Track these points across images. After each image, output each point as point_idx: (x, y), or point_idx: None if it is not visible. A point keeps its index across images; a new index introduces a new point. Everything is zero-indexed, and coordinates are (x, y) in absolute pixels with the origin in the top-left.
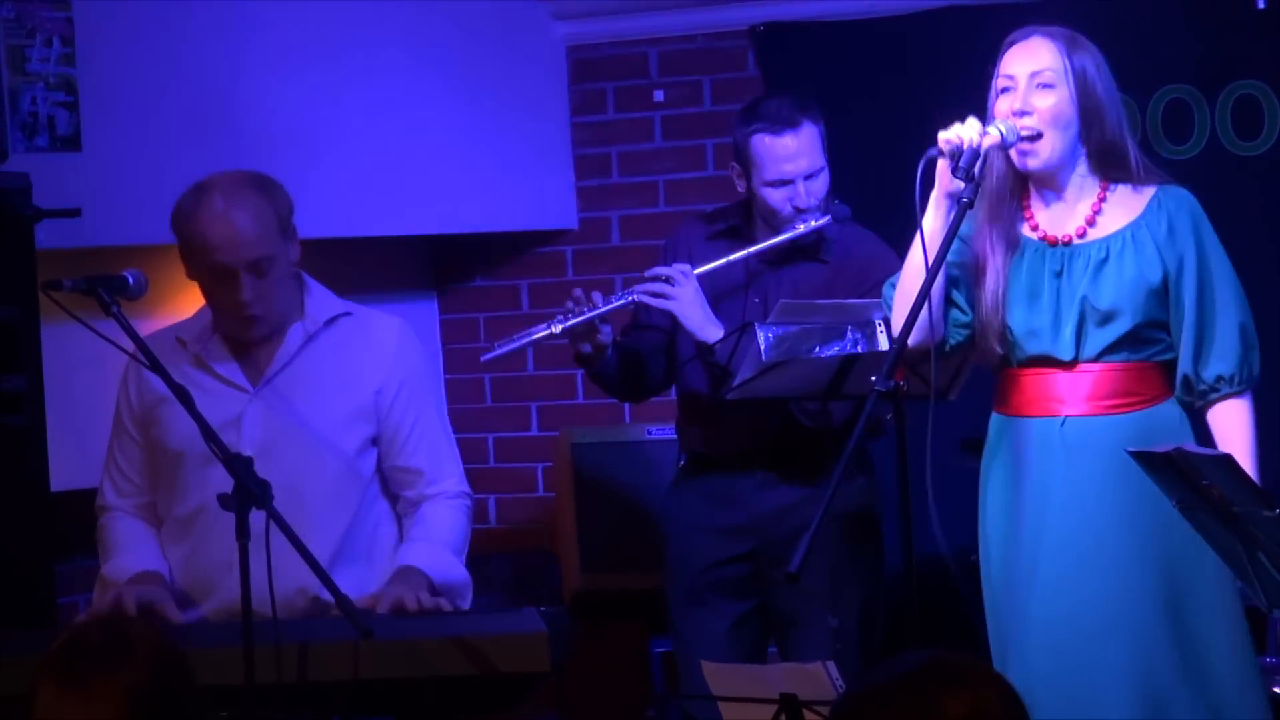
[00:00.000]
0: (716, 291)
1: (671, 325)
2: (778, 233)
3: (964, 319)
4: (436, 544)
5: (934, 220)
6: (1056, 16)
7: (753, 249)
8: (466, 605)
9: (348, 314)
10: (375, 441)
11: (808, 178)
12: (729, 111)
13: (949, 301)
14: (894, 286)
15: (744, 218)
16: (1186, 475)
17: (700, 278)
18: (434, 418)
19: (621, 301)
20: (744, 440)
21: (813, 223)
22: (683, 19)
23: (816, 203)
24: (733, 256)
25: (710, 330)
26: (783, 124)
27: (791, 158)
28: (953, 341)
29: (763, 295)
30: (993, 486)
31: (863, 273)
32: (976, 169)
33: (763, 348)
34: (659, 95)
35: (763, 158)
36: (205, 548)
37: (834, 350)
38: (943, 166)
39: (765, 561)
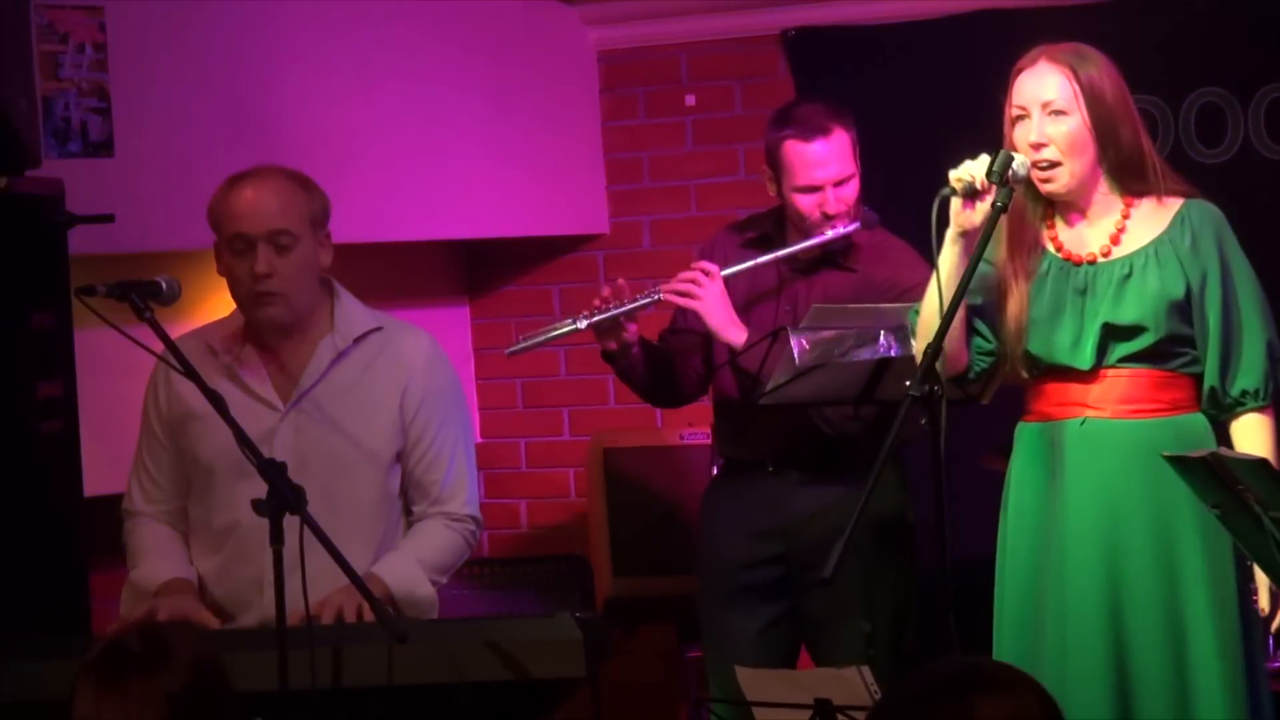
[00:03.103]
0: (749, 297)
1: (705, 330)
2: (807, 237)
3: (988, 346)
4: (409, 557)
5: (949, 258)
6: (1088, 21)
7: (780, 252)
8: None
9: (378, 329)
10: (399, 456)
11: (837, 184)
12: (760, 116)
13: (972, 330)
14: (918, 313)
15: (775, 225)
16: (1222, 479)
17: (730, 282)
18: (454, 436)
19: (646, 300)
20: (778, 444)
21: (840, 230)
22: (714, 23)
23: (846, 209)
24: (760, 259)
25: (733, 332)
26: (814, 130)
27: (821, 164)
28: (977, 369)
29: (793, 303)
30: (1015, 493)
31: (891, 280)
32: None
33: (796, 353)
34: (690, 100)
35: (793, 163)
36: (237, 564)
37: (867, 355)
38: (956, 205)
39: (797, 565)
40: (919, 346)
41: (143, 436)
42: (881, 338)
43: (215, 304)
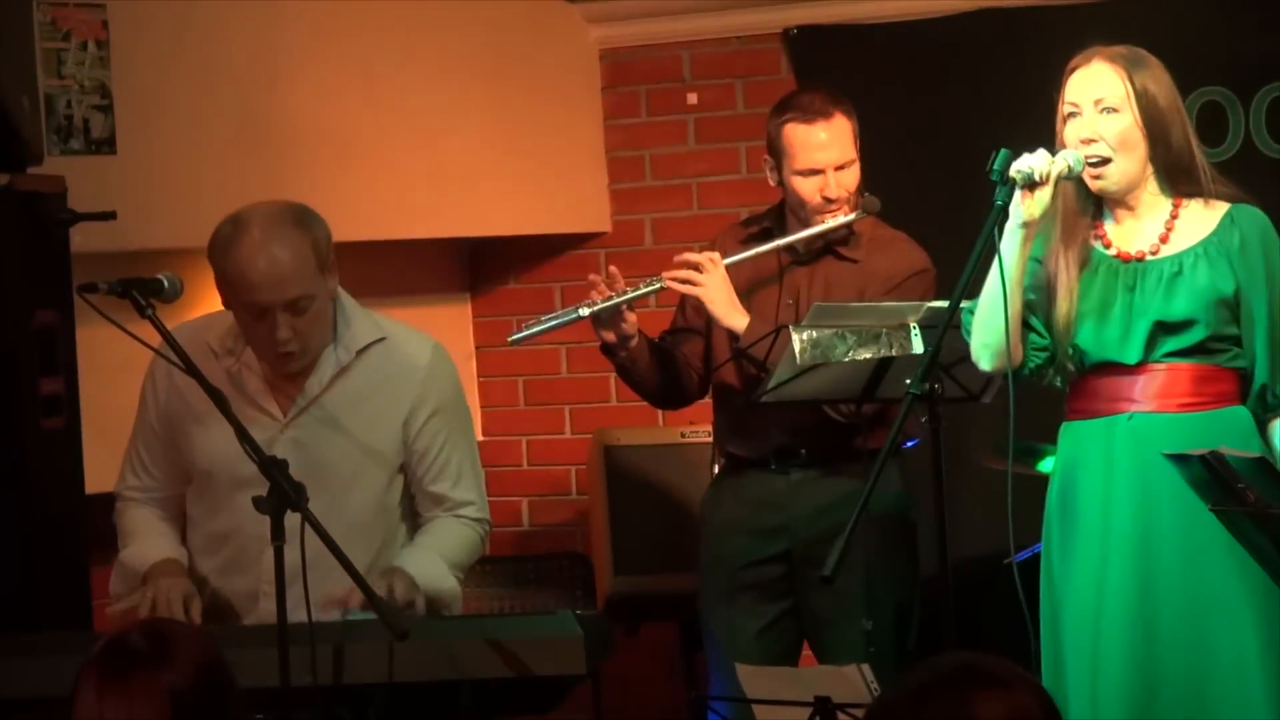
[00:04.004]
0: (750, 288)
1: (708, 330)
2: (807, 226)
3: (1042, 341)
4: (431, 552)
5: (1012, 248)
6: (1089, 20)
7: (782, 241)
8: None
9: (382, 339)
10: (403, 468)
11: (838, 169)
12: (762, 114)
13: (1026, 325)
14: (973, 313)
15: (777, 220)
16: (1222, 477)
17: (732, 274)
18: (461, 445)
19: (649, 288)
20: (780, 442)
21: (840, 219)
22: (716, 21)
23: (846, 195)
24: (761, 248)
25: (736, 318)
26: (815, 114)
27: (823, 147)
28: (1032, 365)
29: (795, 295)
30: (1067, 491)
31: (891, 269)
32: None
33: (797, 350)
34: (692, 98)
35: (794, 147)
36: (232, 574)
37: (869, 353)
38: (1018, 197)
39: (799, 562)
40: (975, 339)
41: (138, 425)
42: (883, 336)
43: (217, 302)
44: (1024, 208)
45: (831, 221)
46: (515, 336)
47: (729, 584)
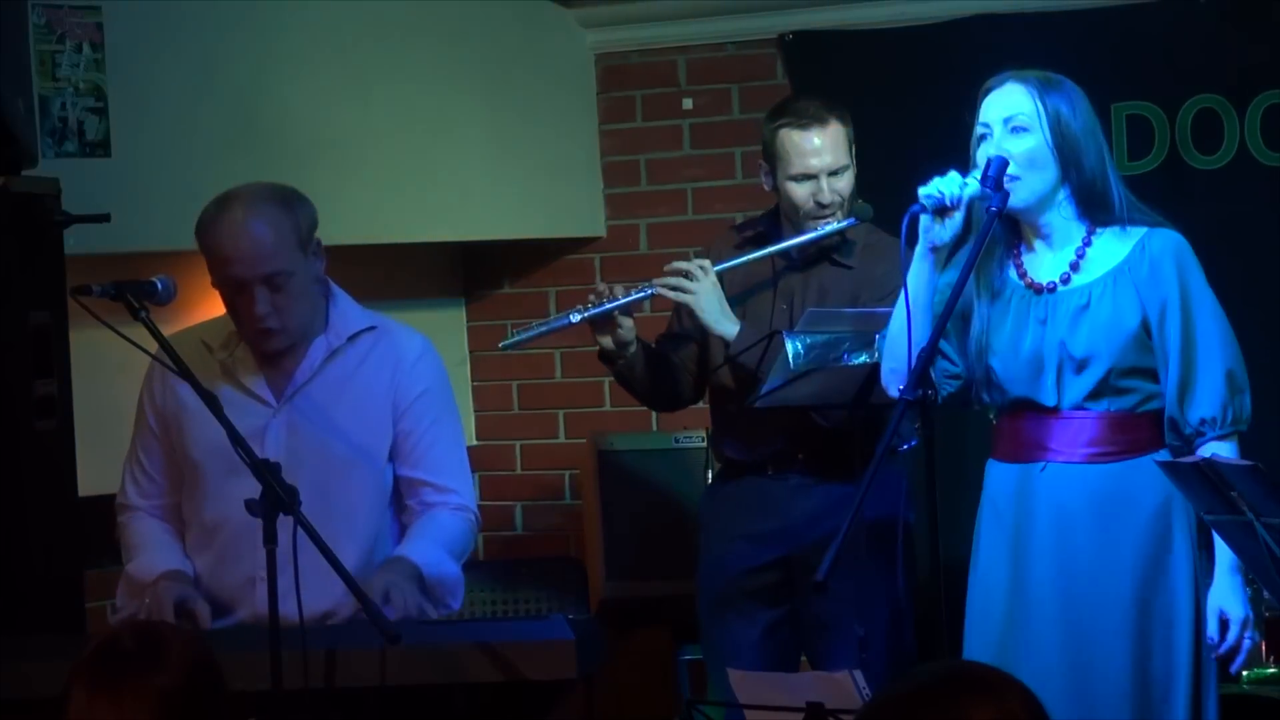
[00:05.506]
0: (744, 293)
1: (702, 334)
2: (801, 231)
3: (954, 369)
4: (431, 541)
5: (918, 274)
6: (1083, 27)
7: (774, 247)
8: (457, 604)
9: (372, 328)
10: (392, 454)
11: (832, 174)
12: (758, 120)
13: (939, 353)
14: (884, 337)
15: (771, 224)
16: (1215, 485)
17: (726, 279)
18: (447, 432)
19: (640, 294)
20: (776, 446)
21: (834, 225)
22: (712, 27)
23: (840, 201)
24: (754, 254)
25: (726, 325)
26: (810, 119)
27: (817, 153)
28: (945, 392)
29: (789, 300)
30: (984, 532)
31: (886, 277)
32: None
33: (791, 356)
34: (688, 103)
35: (789, 151)
36: (226, 564)
37: (862, 359)
38: (925, 221)
39: (796, 568)
40: (885, 367)
41: (137, 430)
42: (876, 341)
43: (211, 304)
44: (932, 233)
45: (825, 227)
46: (506, 342)
47: (728, 590)
